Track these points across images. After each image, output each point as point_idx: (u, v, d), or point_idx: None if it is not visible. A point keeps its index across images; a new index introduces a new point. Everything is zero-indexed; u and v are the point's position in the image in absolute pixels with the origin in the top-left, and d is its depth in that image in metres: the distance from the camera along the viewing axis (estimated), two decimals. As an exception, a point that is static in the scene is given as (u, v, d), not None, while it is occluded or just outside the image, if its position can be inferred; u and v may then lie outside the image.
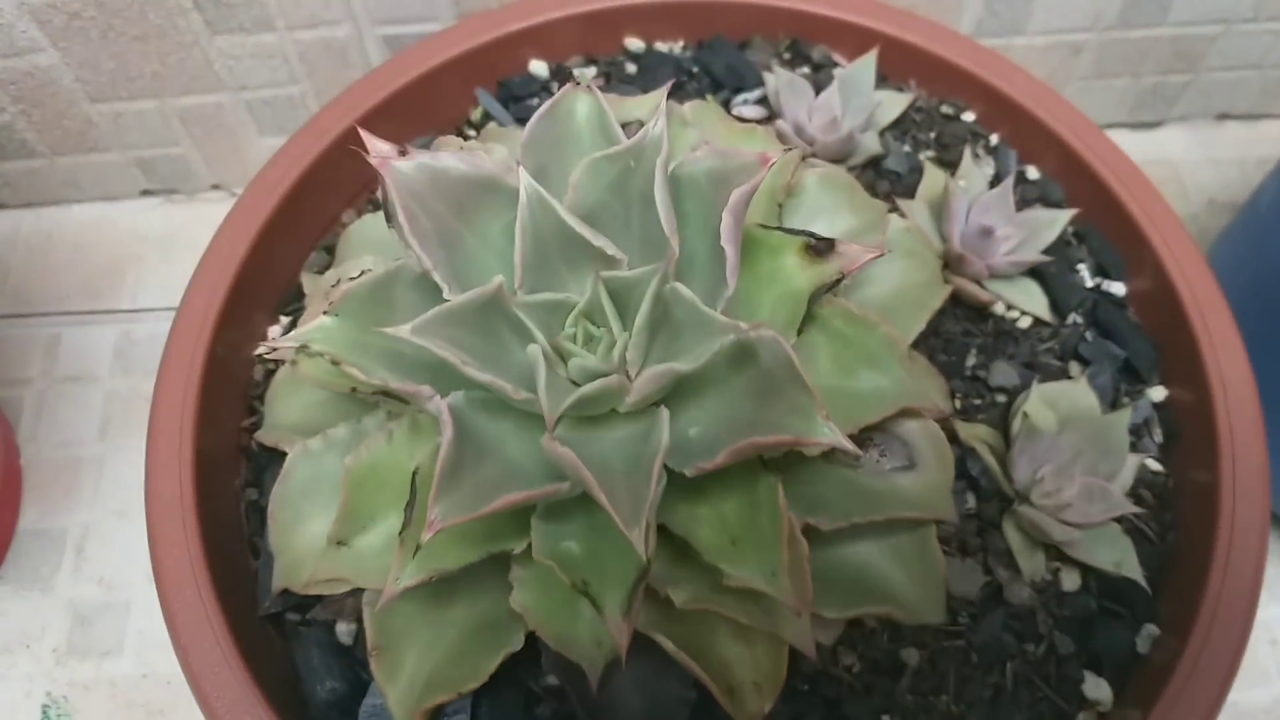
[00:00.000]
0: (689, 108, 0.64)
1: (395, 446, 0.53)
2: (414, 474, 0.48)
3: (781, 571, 0.42)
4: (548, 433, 0.45)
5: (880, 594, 0.50)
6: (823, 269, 0.50)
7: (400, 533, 0.47)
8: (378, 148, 0.48)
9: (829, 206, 0.59)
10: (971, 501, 0.58)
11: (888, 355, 0.52)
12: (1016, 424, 0.61)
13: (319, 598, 0.54)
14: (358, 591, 0.52)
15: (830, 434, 0.43)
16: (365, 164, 0.47)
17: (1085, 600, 0.56)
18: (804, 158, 0.61)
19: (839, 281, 0.50)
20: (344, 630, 0.54)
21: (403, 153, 0.48)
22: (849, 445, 0.43)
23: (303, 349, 0.48)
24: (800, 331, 0.51)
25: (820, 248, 0.51)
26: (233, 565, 0.58)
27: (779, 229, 0.52)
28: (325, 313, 0.48)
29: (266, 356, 0.65)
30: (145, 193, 1.03)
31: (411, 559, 0.46)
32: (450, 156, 0.49)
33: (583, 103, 0.53)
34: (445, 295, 0.47)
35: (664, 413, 0.46)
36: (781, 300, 0.51)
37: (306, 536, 0.55)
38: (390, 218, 0.51)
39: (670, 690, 0.49)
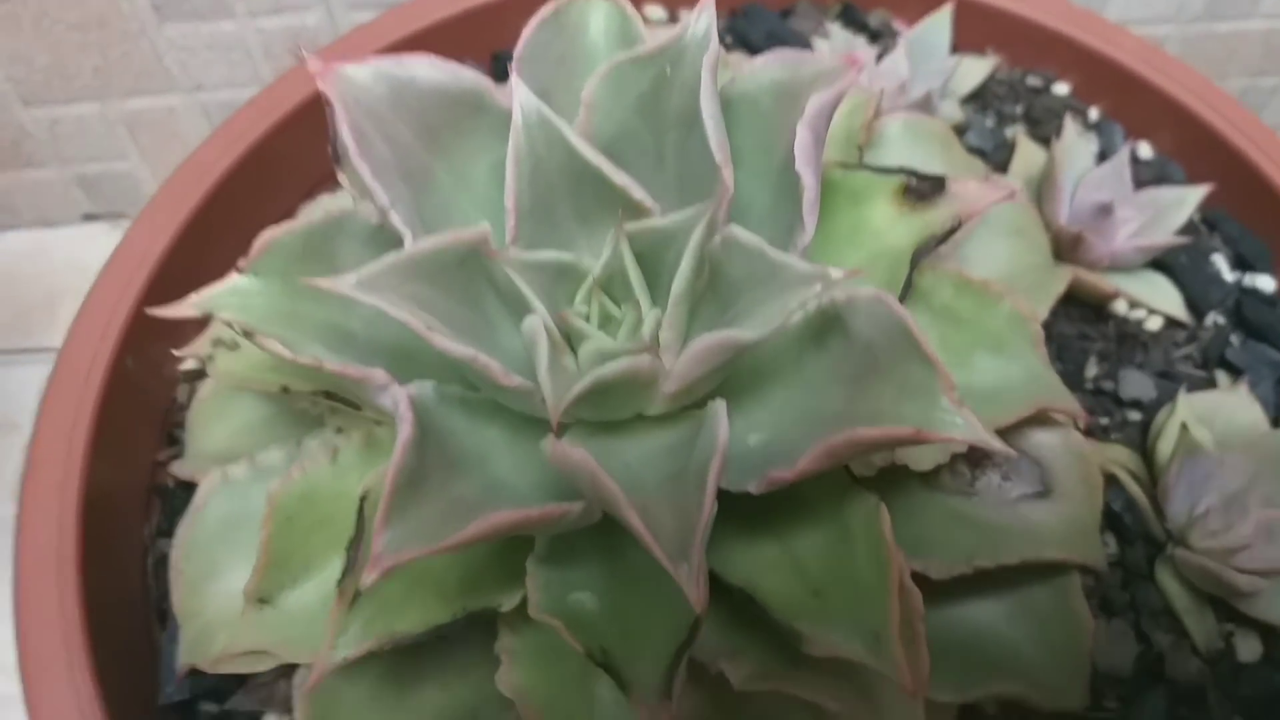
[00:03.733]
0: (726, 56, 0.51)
1: (341, 468, 0.39)
2: (362, 500, 0.34)
3: (889, 635, 0.30)
4: (552, 434, 0.31)
5: (1006, 668, 0.39)
6: (928, 218, 0.37)
7: (340, 581, 0.33)
8: (325, 62, 0.35)
9: (918, 161, 0.46)
10: (1112, 544, 0.45)
11: (1016, 337, 0.39)
12: (1164, 445, 0.47)
13: (241, 679, 0.40)
14: (291, 669, 0.37)
15: (964, 425, 0.29)
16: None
17: (1270, 675, 0.44)
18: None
19: (951, 234, 0.36)
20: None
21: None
22: (996, 443, 0.29)
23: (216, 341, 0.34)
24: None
25: (923, 189, 0.37)
26: (130, 640, 0.44)
27: (864, 167, 0.38)
28: (239, 270, 0.34)
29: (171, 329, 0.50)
30: (88, 217, 0.90)
31: (354, 617, 0.32)
32: (421, 62, 0.36)
33: (598, 11, 0.40)
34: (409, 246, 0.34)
35: (719, 404, 0.32)
36: (871, 265, 0.38)
37: (222, 595, 0.41)
38: (339, 158, 0.38)
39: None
